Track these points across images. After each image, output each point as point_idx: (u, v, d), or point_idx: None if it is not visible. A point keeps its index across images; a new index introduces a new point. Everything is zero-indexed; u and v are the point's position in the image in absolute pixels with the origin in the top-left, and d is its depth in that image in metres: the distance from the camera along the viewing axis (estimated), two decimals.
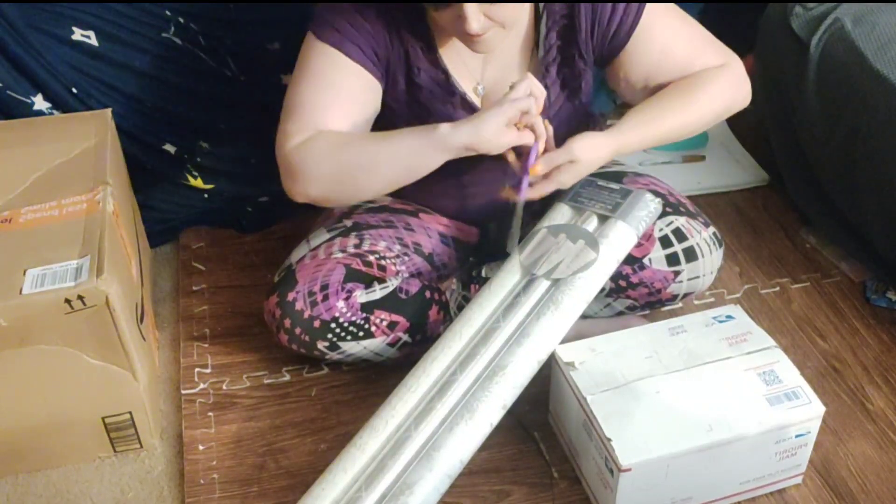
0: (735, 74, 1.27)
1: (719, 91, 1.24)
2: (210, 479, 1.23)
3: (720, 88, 1.24)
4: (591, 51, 1.24)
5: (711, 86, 1.24)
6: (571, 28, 1.21)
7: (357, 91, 1.20)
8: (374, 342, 1.26)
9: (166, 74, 1.52)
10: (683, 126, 1.24)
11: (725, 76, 1.25)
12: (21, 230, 1.18)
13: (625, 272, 1.29)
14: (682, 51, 1.25)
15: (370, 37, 1.18)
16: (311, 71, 1.19)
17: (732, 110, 1.28)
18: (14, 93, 1.40)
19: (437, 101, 1.24)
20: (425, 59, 1.21)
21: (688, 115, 1.23)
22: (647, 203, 1.24)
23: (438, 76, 1.23)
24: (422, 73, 1.22)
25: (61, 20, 1.43)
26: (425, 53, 1.21)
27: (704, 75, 1.24)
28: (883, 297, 1.50)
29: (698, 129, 1.25)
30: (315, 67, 1.19)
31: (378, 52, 1.20)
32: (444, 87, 1.23)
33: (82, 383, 1.17)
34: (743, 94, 1.28)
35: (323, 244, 1.29)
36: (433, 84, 1.23)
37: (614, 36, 1.22)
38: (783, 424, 1.11)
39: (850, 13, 1.50)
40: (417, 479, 1.04)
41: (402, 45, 1.20)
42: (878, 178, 1.41)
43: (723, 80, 1.25)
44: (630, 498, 1.10)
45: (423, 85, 1.22)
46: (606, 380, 1.14)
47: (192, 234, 1.66)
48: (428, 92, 1.23)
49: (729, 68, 1.26)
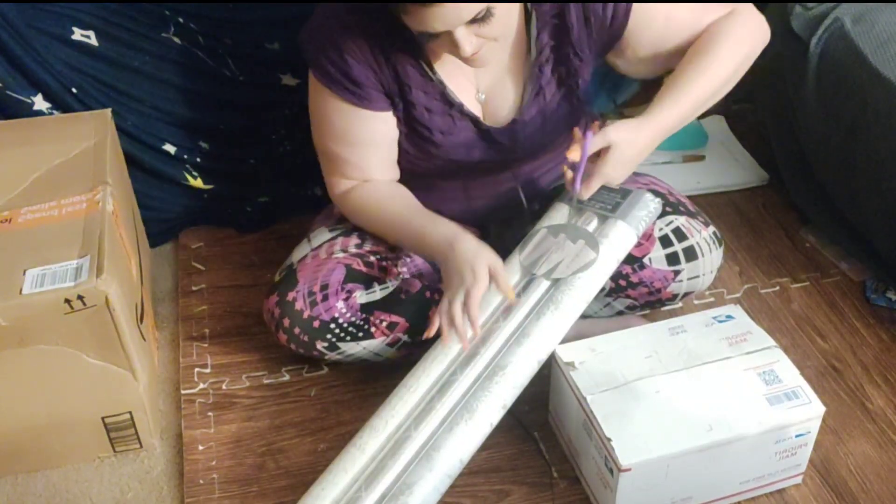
0: (747, 17, 1.23)
1: (737, 40, 1.21)
2: (210, 479, 1.23)
3: (737, 37, 1.21)
4: (587, 46, 1.22)
5: (728, 38, 1.20)
6: (563, 27, 1.20)
7: (381, 133, 1.24)
8: (374, 342, 1.26)
9: (166, 74, 1.52)
10: (715, 87, 1.21)
11: (738, 22, 1.22)
12: (21, 230, 1.17)
13: (625, 272, 1.29)
14: (685, 12, 1.22)
15: (370, 72, 1.18)
16: (334, 128, 1.23)
17: (757, 52, 1.25)
18: (14, 93, 1.40)
19: (436, 115, 1.22)
20: (417, 76, 1.20)
21: (716, 76, 1.20)
22: (647, 203, 1.24)
23: (435, 89, 1.21)
24: (413, 91, 1.20)
25: (61, 20, 1.43)
26: (417, 69, 1.19)
27: (717, 29, 1.21)
28: (883, 296, 1.50)
29: (730, 84, 1.23)
30: (339, 124, 1.23)
31: (381, 83, 1.19)
32: (441, 100, 1.22)
33: (82, 383, 1.17)
34: (761, 33, 1.24)
35: (324, 244, 1.29)
36: (429, 99, 1.21)
37: (613, 21, 1.20)
38: (783, 424, 1.11)
39: (850, 13, 1.50)
40: (417, 479, 1.04)
41: (391, 67, 1.19)
42: (878, 177, 1.41)
43: (738, 28, 1.21)
44: (630, 498, 1.10)
45: (417, 101, 1.21)
46: (606, 380, 1.14)
47: (192, 234, 1.66)
48: (423, 108, 1.21)
49: (738, 13, 1.23)
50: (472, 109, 1.24)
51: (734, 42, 1.21)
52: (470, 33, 1.07)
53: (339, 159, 1.26)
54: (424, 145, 1.25)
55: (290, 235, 1.56)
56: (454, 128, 1.23)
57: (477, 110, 1.25)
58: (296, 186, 1.66)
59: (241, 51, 1.54)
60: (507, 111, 1.24)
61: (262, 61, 1.55)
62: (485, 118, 1.25)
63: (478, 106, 1.25)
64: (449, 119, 1.23)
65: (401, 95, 1.20)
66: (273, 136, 1.64)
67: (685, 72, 1.20)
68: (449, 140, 1.24)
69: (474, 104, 1.24)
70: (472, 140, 1.25)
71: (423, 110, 1.22)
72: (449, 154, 1.26)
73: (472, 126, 1.24)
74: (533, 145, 1.28)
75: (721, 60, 1.20)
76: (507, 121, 1.25)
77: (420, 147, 1.26)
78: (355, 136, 1.23)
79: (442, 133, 1.23)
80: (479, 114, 1.25)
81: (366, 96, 1.19)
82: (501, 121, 1.25)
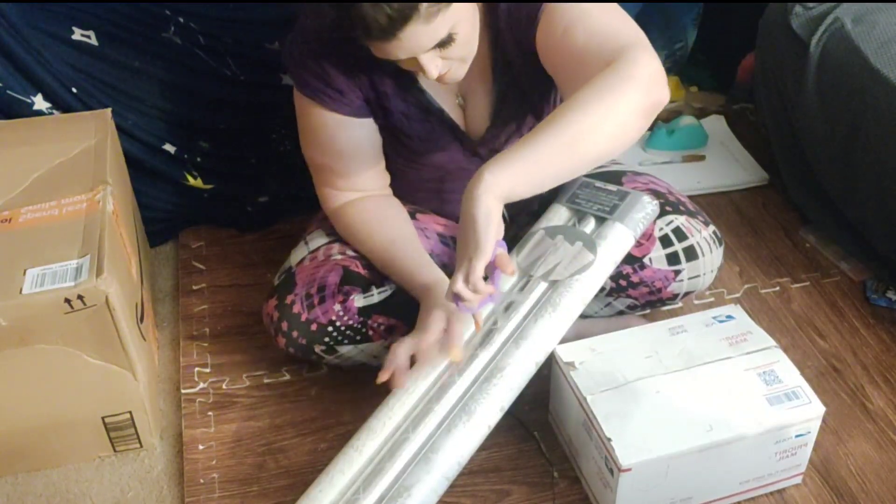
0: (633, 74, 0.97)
1: (610, 106, 0.97)
2: (210, 478, 1.23)
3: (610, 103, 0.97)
4: (521, 47, 1.13)
5: (600, 104, 0.96)
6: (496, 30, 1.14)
7: (367, 140, 1.25)
8: (372, 346, 1.26)
9: (166, 74, 1.52)
10: (571, 169, 0.99)
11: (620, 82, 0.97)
12: (21, 230, 1.18)
13: (625, 272, 1.29)
14: (582, 36, 1.03)
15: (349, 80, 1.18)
16: (320, 138, 1.24)
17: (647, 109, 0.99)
18: (14, 93, 1.40)
19: (415, 122, 1.23)
20: (393, 84, 1.20)
21: (574, 159, 0.98)
22: (644, 205, 1.24)
23: (413, 96, 1.21)
24: (391, 98, 1.21)
25: (61, 20, 1.43)
26: (395, 78, 1.18)
27: (589, 91, 0.97)
28: (883, 296, 1.50)
29: (608, 152, 0.99)
30: (323, 135, 1.24)
31: (361, 90, 1.20)
32: (420, 107, 1.22)
33: (82, 383, 1.17)
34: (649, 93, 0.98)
35: (322, 246, 1.30)
36: (407, 106, 1.22)
37: (526, 21, 1.10)
38: (783, 424, 1.11)
39: (850, 13, 1.50)
40: (415, 482, 1.04)
41: (368, 76, 1.19)
42: (878, 177, 1.41)
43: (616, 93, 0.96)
44: (630, 498, 1.10)
45: (395, 109, 1.21)
46: (606, 380, 1.14)
47: (192, 233, 1.67)
48: (401, 114, 1.22)
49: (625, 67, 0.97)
50: (452, 115, 1.24)
51: (605, 111, 0.97)
52: (434, 56, 1.06)
53: (328, 169, 1.27)
54: (405, 151, 1.26)
55: (290, 235, 1.56)
56: (434, 134, 1.24)
57: (457, 115, 1.25)
58: (296, 186, 1.66)
59: (241, 51, 1.54)
60: (484, 116, 1.24)
61: (262, 61, 1.56)
62: (465, 121, 1.25)
63: (458, 111, 1.25)
64: (428, 125, 1.24)
65: (378, 103, 1.21)
66: (273, 136, 1.64)
67: (535, 130, 0.99)
68: (428, 146, 1.25)
69: (454, 109, 1.24)
70: (451, 146, 1.26)
71: (402, 117, 1.22)
72: (430, 160, 1.26)
73: (451, 132, 1.25)
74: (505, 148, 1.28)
75: (594, 136, 0.97)
76: (484, 126, 1.25)
77: (401, 153, 1.27)
78: (341, 145, 1.24)
79: (421, 139, 1.24)
80: (460, 118, 1.25)
81: (347, 103, 1.20)
82: (480, 125, 1.25)
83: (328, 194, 1.30)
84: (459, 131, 1.25)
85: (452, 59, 1.09)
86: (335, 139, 1.24)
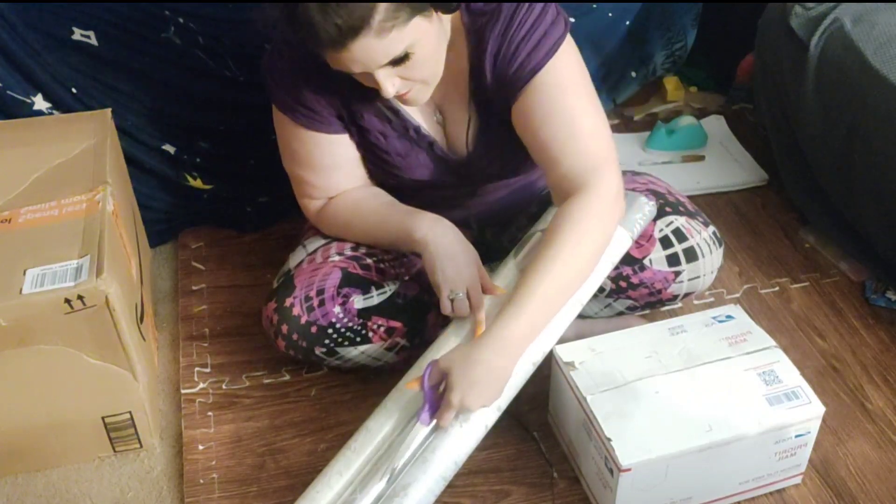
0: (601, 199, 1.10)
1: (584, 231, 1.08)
2: (209, 478, 1.23)
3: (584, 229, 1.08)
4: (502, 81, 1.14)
5: (573, 232, 1.08)
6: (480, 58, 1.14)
7: (343, 156, 1.26)
8: (372, 347, 1.26)
9: (166, 74, 1.52)
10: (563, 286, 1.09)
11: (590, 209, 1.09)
12: (21, 230, 1.18)
13: (625, 273, 1.29)
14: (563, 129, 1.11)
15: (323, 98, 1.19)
16: (298, 153, 1.26)
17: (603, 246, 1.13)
18: (14, 93, 1.40)
19: (392, 139, 1.23)
20: (369, 101, 1.19)
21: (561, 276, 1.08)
22: (641, 206, 1.24)
23: (387, 114, 1.21)
24: (366, 116, 1.21)
25: (61, 20, 1.43)
26: (369, 94, 1.14)
27: (561, 221, 1.09)
28: (882, 296, 1.50)
29: (583, 279, 1.12)
30: (300, 150, 1.25)
31: (334, 108, 1.20)
32: (394, 125, 1.22)
33: (82, 383, 1.17)
34: (604, 229, 1.11)
35: (320, 248, 1.30)
36: (383, 123, 1.22)
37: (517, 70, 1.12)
38: (783, 424, 1.11)
39: (850, 13, 1.50)
40: (412, 482, 1.04)
41: (340, 93, 1.18)
42: (877, 177, 1.41)
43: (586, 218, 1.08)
44: (630, 498, 1.10)
45: (371, 127, 1.22)
46: (606, 380, 1.14)
47: (191, 234, 1.67)
48: (377, 132, 1.22)
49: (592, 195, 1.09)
50: (431, 131, 1.24)
51: (580, 235, 1.08)
52: (391, 74, 1.05)
53: (306, 182, 1.29)
54: (384, 166, 1.27)
55: (290, 236, 1.56)
56: (412, 150, 1.24)
57: (435, 131, 1.24)
58: None
59: (241, 51, 1.54)
60: (464, 139, 1.24)
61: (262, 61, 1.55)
62: (446, 138, 1.25)
63: (437, 127, 1.24)
64: (407, 142, 1.24)
65: (352, 120, 1.21)
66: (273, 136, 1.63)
67: (525, 279, 1.07)
68: (407, 162, 1.25)
69: (433, 125, 1.24)
70: (429, 162, 1.26)
71: (378, 134, 1.22)
72: (411, 174, 1.26)
73: (429, 149, 1.24)
74: (490, 170, 1.28)
75: (565, 260, 1.07)
76: (462, 145, 1.24)
77: (380, 167, 1.28)
78: (318, 160, 1.25)
79: (400, 155, 1.24)
80: (439, 135, 1.25)
81: (322, 121, 1.20)
82: (459, 143, 1.24)
83: (307, 204, 1.31)
84: (439, 147, 1.25)
85: (413, 80, 1.08)
86: (311, 155, 1.25)
